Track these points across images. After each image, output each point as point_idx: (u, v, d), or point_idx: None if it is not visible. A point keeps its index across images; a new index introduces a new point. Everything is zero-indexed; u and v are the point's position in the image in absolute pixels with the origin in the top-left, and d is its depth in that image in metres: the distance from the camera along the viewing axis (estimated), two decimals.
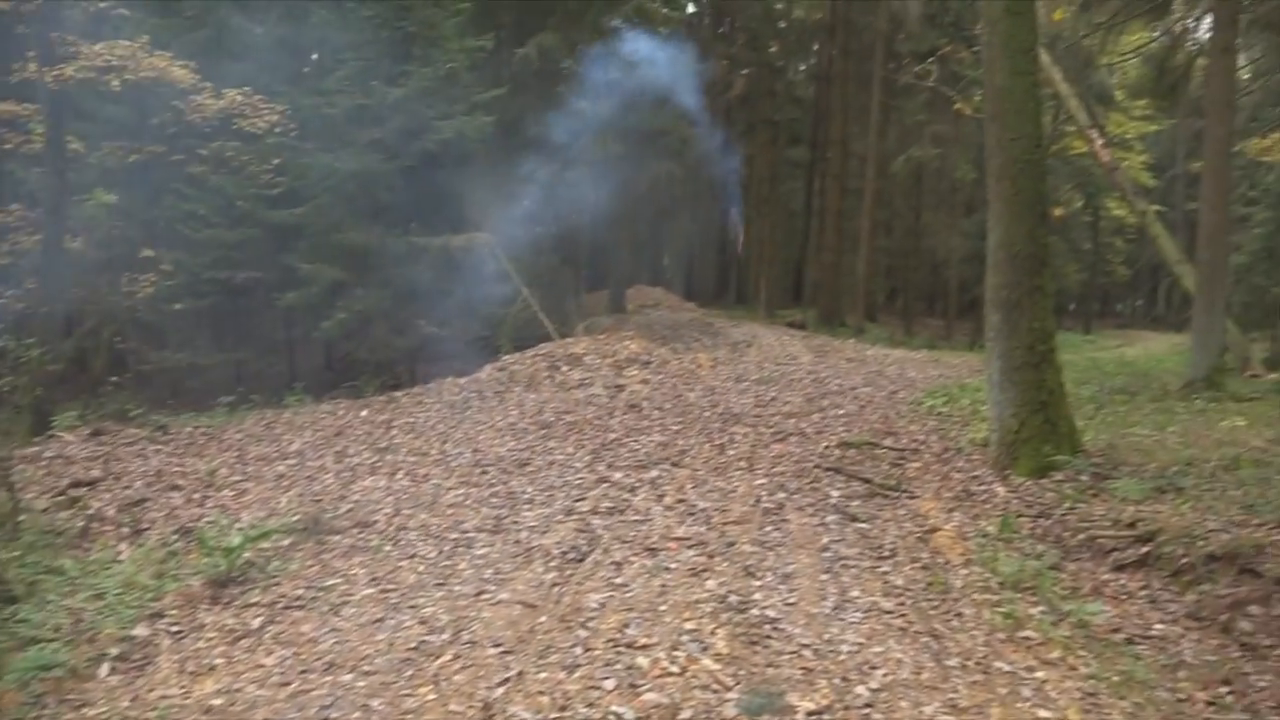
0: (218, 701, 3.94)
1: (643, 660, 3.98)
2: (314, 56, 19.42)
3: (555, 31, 18.25)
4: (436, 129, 15.67)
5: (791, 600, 4.81)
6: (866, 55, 28.94)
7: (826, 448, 8.95)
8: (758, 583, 5.06)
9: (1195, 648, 4.41)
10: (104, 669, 4.40)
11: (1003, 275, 7.61)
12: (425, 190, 16.20)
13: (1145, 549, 5.50)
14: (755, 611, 4.60)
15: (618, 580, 5.09)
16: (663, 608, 4.63)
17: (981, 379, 10.61)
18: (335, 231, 15.49)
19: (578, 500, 7.08)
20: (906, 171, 29.44)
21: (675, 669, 3.91)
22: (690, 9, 32.18)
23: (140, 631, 4.79)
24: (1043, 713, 3.65)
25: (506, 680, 3.85)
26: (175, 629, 4.88)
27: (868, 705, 3.66)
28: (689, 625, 4.38)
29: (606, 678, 3.82)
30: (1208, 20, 15.14)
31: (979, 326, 23.78)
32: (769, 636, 4.32)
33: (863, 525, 6.33)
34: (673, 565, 5.36)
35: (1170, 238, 15.06)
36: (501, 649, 4.20)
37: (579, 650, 4.12)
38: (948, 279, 33.76)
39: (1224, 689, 3.98)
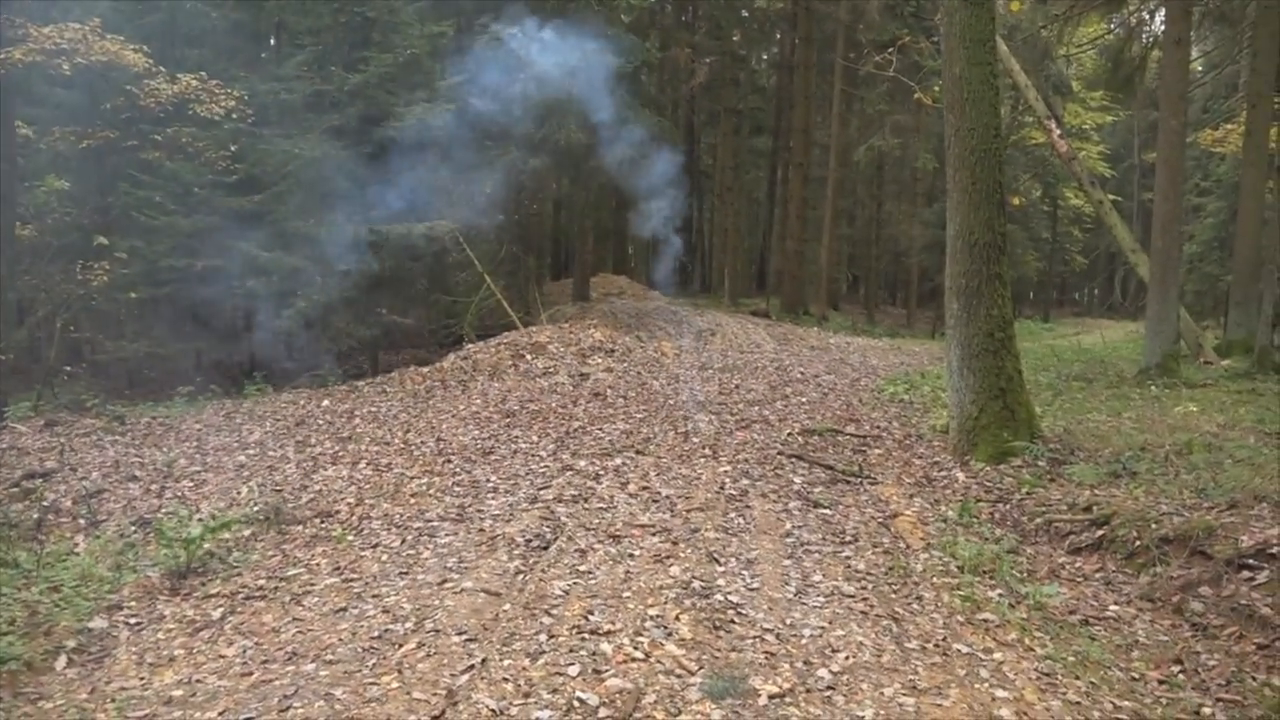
0: (178, 692, 3.90)
1: (607, 646, 4.00)
2: (271, 41, 19.15)
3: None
4: (397, 115, 15.51)
5: (755, 585, 4.85)
6: (828, 45, 29.03)
7: (789, 435, 9.02)
8: (721, 568, 5.10)
9: (1148, 628, 4.50)
10: (61, 661, 4.34)
11: (962, 264, 7.70)
12: (387, 177, 16.03)
13: (1100, 532, 5.61)
14: (719, 597, 4.63)
15: (582, 567, 5.10)
16: (627, 594, 4.65)
17: (942, 366, 10.74)
18: (295, 219, 15.30)
19: (542, 488, 7.07)
20: (868, 161, 29.65)
21: (639, 655, 3.92)
22: None
23: (98, 624, 4.72)
24: (1000, 693, 3.71)
25: (470, 668, 3.85)
26: (134, 621, 4.82)
27: (829, 687, 3.71)
28: (653, 611, 4.41)
29: (571, 664, 3.83)
30: (1161, 13, 15.38)
31: (940, 314, 24.03)
32: (732, 621, 4.35)
33: (825, 511, 6.39)
34: (637, 552, 5.38)
35: (1126, 227, 15.30)
36: (465, 637, 4.19)
37: (543, 637, 4.13)
38: (909, 267, 34.10)
39: (1176, 668, 4.07)
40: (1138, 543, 5.29)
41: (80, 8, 14.02)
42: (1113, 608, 4.75)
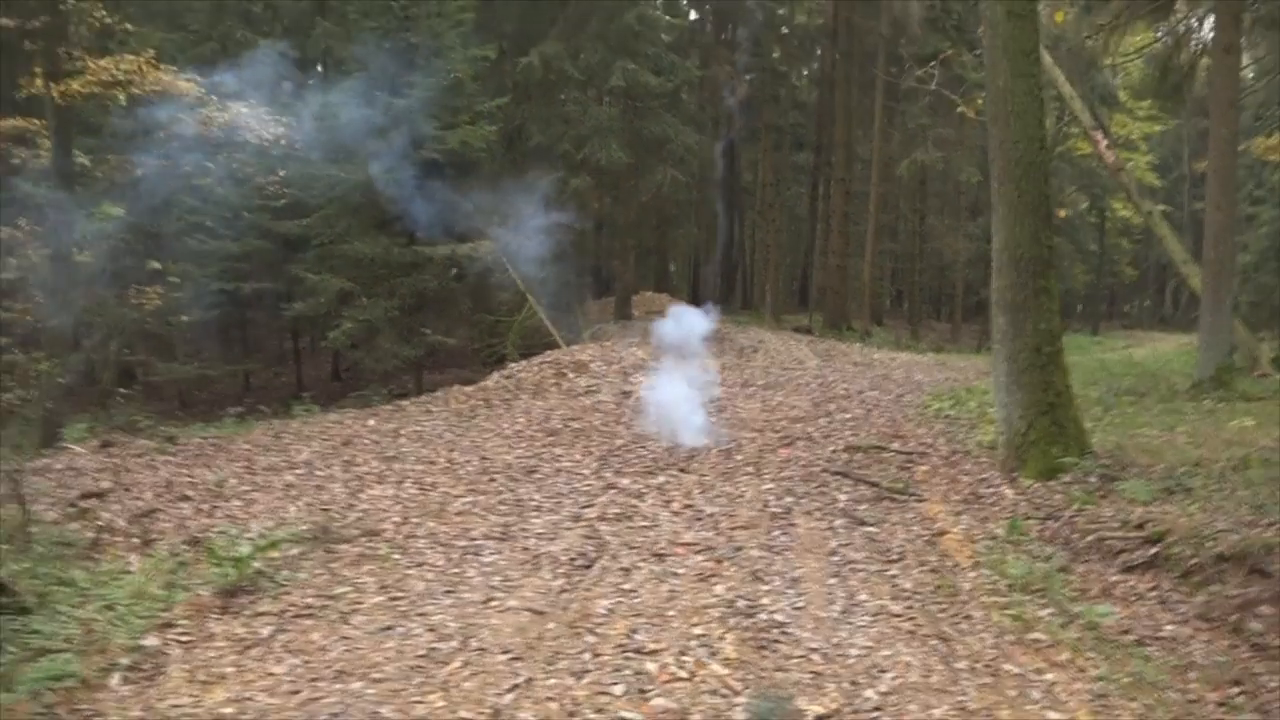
0: (228, 710, 3.95)
1: (651, 666, 3.99)
2: (318, 68, 19.53)
3: (557, 41, 18.31)
4: (441, 138, 15.72)
5: (800, 604, 4.81)
6: (869, 59, 28.94)
7: (834, 451, 8.94)
8: (766, 587, 5.06)
9: (1205, 648, 4.39)
10: (115, 679, 4.41)
11: (1008, 277, 7.60)
12: (430, 200, 16.20)
13: (1154, 550, 5.49)
14: (763, 616, 4.60)
15: (626, 586, 5.10)
16: (671, 613, 4.64)
17: (988, 381, 10.59)
18: (341, 241, 15.54)
19: (585, 507, 7.08)
20: (911, 175, 29.42)
21: (684, 674, 3.91)
22: (693, 16, 32.27)
23: (151, 641, 4.79)
24: (1052, 714, 3.64)
25: (515, 686, 3.86)
26: (185, 638, 4.89)
27: (877, 709, 3.66)
28: (697, 630, 4.39)
29: (615, 683, 3.82)
30: (1210, 20, 15.12)
31: (985, 329, 23.71)
32: (777, 641, 4.32)
33: (870, 529, 6.32)
34: (680, 570, 5.36)
35: (1177, 238, 15.02)
36: (510, 655, 4.20)
37: (587, 656, 4.13)
38: (954, 282, 33.74)
39: (1235, 689, 3.96)
40: (1193, 561, 5.17)
41: (136, 39, 14.38)
42: (1168, 627, 4.63)
